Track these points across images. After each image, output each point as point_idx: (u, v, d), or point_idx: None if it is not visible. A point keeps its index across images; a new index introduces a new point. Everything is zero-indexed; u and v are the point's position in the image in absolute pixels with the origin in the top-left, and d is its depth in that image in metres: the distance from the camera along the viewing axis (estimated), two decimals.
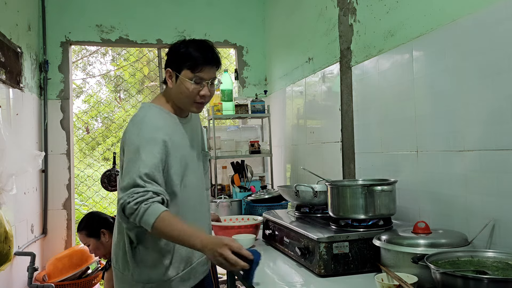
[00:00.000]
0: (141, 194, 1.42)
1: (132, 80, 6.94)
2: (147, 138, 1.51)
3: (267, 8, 4.05)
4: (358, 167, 2.41)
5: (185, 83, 1.60)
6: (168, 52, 1.67)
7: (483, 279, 1.09)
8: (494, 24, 1.48)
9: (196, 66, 1.58)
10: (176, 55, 1.63)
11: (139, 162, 1.47)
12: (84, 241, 2.53)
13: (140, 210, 1.41)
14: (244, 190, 3.04)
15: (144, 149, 1.49)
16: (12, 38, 2.98)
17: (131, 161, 1.48)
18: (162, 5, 3.90)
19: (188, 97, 1.61)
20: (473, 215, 1.58)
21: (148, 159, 1.47)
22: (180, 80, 1.61)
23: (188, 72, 1.59)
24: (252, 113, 3.37)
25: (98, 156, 6.87)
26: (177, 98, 1.64)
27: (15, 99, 2.99)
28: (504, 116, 1.44)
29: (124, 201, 1.43)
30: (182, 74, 1.60)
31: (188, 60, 1.59)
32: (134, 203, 1.42)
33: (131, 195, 1.43)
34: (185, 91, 1.60)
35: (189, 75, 1.59)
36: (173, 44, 1.67)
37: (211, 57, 1.62)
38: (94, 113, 7.04)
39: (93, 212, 2.64)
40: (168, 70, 1.64)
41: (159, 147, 1.52)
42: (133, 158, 1.48)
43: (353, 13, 2.45)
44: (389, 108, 2.10)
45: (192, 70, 1.59)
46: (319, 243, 1.56)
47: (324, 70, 2.82)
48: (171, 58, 1.65)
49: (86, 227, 2.50)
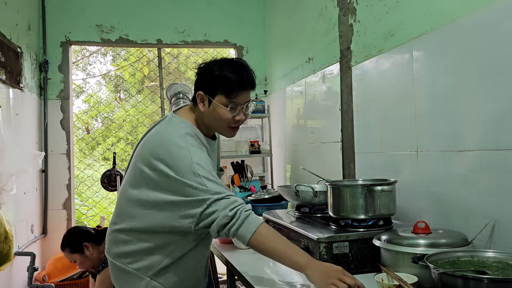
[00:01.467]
0: (231, 201, 1.35)
1: (132, 80, 6.94)
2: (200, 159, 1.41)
3: (267, 8, 4.05)
4: (358, 167, 2.41)
5: (219, 109, 1.49)
6: (200, 73, 1.55)
7: (483, 279, 1.09)
8: (494, 24, 1.48)
9: (232, 92, 1.48)
10: (209, 78, 1.51)
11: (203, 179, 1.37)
12: (69, 258, 2.53)
13: (241, 216, 1.33)
14: (244, 190, 3.04)
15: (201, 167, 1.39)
16: (12, 38, 2.98)
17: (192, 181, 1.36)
18: (162, 5, 3.90)
19: (223, 122, 1.51)
20: (473, 215, 1.58)
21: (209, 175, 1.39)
22: (213, 105, 1.49)
23: (223, 98, 1.48)
24: (252, 113, 3.37)
25: (98, 156, 6.87)
26: (210, 122, 1.54)
27: (15, 99, 2.99)
28: (504, 116, 1.44)
29: (216, 217, 1.33)
30: (216, 99, 1.49)
31: (223, 85, 1.48)
32: (228, 210, 1.33)
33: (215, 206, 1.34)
34: (220, 117, 1.50)
35: (224, 101, 1.48)
36: (205, 64, 1.55)
37: (246, 81, 1.52)
38: (94, 113, 7.04)
39: (73, 228, 2.63)
40: (200, 94, 1.52)
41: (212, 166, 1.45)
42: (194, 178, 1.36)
43: (353, 13, 2.45)
44: (389, 108, 2.10)
45: (227, 96, 1.48)
46: (319, 243, 1.56)
47: (324, 70, 2.82)
48: (203, 81, 1.53)
49: (68, 244, 2.49)
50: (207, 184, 1.36)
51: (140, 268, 1.49)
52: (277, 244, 1.36)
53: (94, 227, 2.62)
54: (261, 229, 1.35)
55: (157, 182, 1.42)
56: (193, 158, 1.39)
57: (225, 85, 1.48)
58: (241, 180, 3.17)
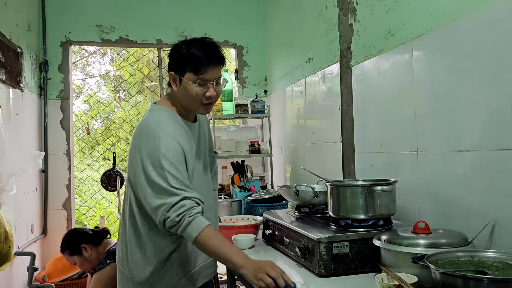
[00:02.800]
0: (180, 205, 1.43)
1: (132, 80, 6.94)
2: (169, 149, 1.49)
3: (267, 8, 4.05)
4: (358, 167, 2.41)
5: (189, 86, 1.54)
6: (170, 54, 1.61)
7: (483, 279, 1.09)
8: (494, 24, 1.48)
9: (199, 68, 1.52)
10: (178, 57, 1.57)
11: (167, 176, 1.45)
12: (69, 260, 2.53)
13: (184, 222, 1.42)
14: (244, 190, 3.04)
15: (167, 160, 1.47)
16: (12, 38, 2.98)
17: (156, 174, 1.46)
18: (162, 5, 3.90)
19: (194, 99, 1.56)
20: (473, 215, 1.58)
21: (174, 171, 1.47)
22: (184, 83, 1.55)
23: (191, 75, 1.54)
24: (252, 113, 3.37)
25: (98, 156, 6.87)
26: (183, 101, 1.60)
27: (15, 99, 2.99)
28: (504, 116, 1.44)
29: (164, 216, 1.43)
30: (185, 77, 1.54)
31: (190, 62, 1.53)
32: (175, 215, 1.42)
33: (168, 208, 1.43)
34: (190, 94, 1.55)
35: (192, 78, 1.53)
36: (174, 45, 1.61)
37: (213, 57, 1.56)
38: (94, 113, 7.04)
39: (71, 231, 2.64)
40: (171, 74, 1.59)
41: (180, 155, 1.51)
42: (159, 171, 1.46)
43: (353, 13, 2.45)
44: (389, 108, 2.10)
45: (195, 73, 1.53)
46: (319, 243, 1.56)
47: (324, 70, 2.82)
48: (173, 61, 1.59)
49: (67, 247, 2.50)
50: (169, 180, 1.45)
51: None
52: (217, 246, 1.43)
53: (92, 228, 2.62)
54: (203, 232, 1.42)
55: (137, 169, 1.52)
56: (161, 148, 1.47)
57: (192, 61, 1.53)
58: (241, 180, 3.17)
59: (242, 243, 2.03)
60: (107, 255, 2.41)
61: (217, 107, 3.25)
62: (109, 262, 2.33)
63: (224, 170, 3.41)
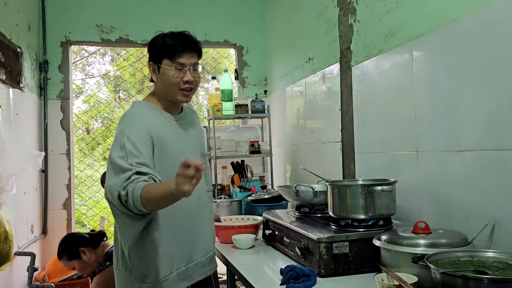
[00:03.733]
0: (127, 177, 1.42)
1: (132, 80, 6.94)
2: (132, 131, 1.52)
3: (267, 8, 4.05)
4: (358, 167, 2.41)
5: (167, 72, 1.61)
6: (148, 47, 1.69)
7: (483, 279, 1.09)
8: (494, 24, 1.48)
9: (174, 53, 1.60)
10: (155, 47, 1.65)
11: (127, 155, 1.47)
12: (68, 265, 2.51)
13: (128, 192, 1.40)
14: (244, 190, 3.04)
15: (129, 141, 1.49)
16: (12, 38, 2.98)
17: (117, 155, 1.48)
18: (162, 5, 3.90)
19: (172, 85, 1.62)
20: (473, 215, 1.58)
21: (134, 150, 1.48)
22: (162, 71, 1.62)
23: (167, 61, 1.61)
24: (252, 113, 3.37)
25: (98, 156, 6.87)
26: (163, 89, 1.65)
27: (15, 99, 2.99)
28: (504, 116, 1.44)
29: (118, 193, 1.41)
30: (162, 64, 1.62)
31: (166, 49, 1.61)
32: (122, 189, 1.41)
33: (122, 183, 1.41)
34: (168, 79, 1.61)
35: (169, 63, 1.61)
36: (151, 39, 1.69)
37: (187, 43, 1.63)
38: (94, 113, 7.03)
39: (67, 235, 2.62)
40: (150, 64, 1.66)
41: (145, 138, 1.52)
42: (120, 153, 1.48)
43: (353, 13, 2.45)
44: (389, 108, 2.10)
45: (171, 58, 1.61)
46: (319, 243, 1.56)
47: (324, 70, 2.82)
48: (151, 52, 1.67)
49: (64, 252, 2.48)
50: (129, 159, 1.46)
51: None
52: (158, 191, 1.38)
53: (88, 232, 2.61)
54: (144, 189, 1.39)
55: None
56: (126, 130, 1.52)
57: (167, 48, 1.62)
58: (241, 180, 3.17)
59: (242, 243, 2.03)
60: (106, 257, 2.40)
61: (217, 107, 3.25)
62: (109, 264, 2.33)
63: (224, 170, 3.41)
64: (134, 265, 1.57)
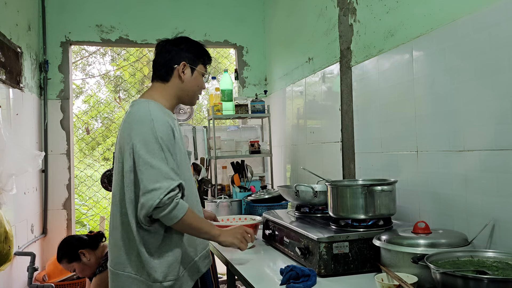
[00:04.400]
0: (172, 188, 1.46)
1: (132, 80, 6.94)
2: (165, 140, 1.51)
3: (267, 8, 4.05)
4: (358, 167, 2.41)
5: (199, 78, 1.69)
6: (182, 45, 1.67)
7: (483, 279, 1.09)
8: (494, 24, 1.48)
9: (208, 61, 1.72)
10: (194, 49, 1.68)
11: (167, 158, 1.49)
12: (68, 268, 2.51)
13: (172, 205, 1.46)
14: (244, 190, 3.04)
15: (163, 146, 1.50)
16: (12, 38, 2.98)
17: (156, 157, 1.47)
18: (162, 5, 3.90)
19: (198, 90, 1.71)
20: (473, 215, 1.58)
21: (167, 153, 1.50)
22: (194, 74, 1.67)
23: (202, 67, 1.70)
24: (252, 113, 3.37)
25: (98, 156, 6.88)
26: (185, 90, 1.68)
27: (15, 99, 2.99)
28: (504, 116, 1.44)
29: (160, 199, 1.43)
30: (198, 68, 1.68)
31: (204, 55, 1.69)
32: (167, 199, 1.44)
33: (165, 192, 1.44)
34: (200, 84, 1.70)
35: (202, 69, 1.70)
36: (181, 38, 1.70)
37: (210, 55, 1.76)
38: (94, 113, 7.04)
39: (66, 238, 2.62)
40: (183, 63, 1.65)
41: (172, 139, 1.55)
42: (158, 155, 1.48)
43: (353, 13, 2.45)
44: (389, 108, 2.10)
45: (205, 65, 1.71)
46: (319, 243, 1.56)
47: (324, 70, 2.82)
48: (185, 52, 1.66)
49: (64, 254, 2.48)
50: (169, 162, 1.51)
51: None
52: (199, 222, 1.58)
53: (86, 234, 2.61)
54: (188, 212, 1.52)
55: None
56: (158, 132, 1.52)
57: (205, 54, 1.71)
58: (241, 180, 3.17)
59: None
60: (106, 257, 2.40)
61: (217, 107, 3.25)
62: None
63: (224, 170, 3.41)
64: (157, 267, 1.54)
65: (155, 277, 1.52)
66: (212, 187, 3.33)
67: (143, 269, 1.53)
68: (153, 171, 1.46)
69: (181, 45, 1.67)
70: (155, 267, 1.52)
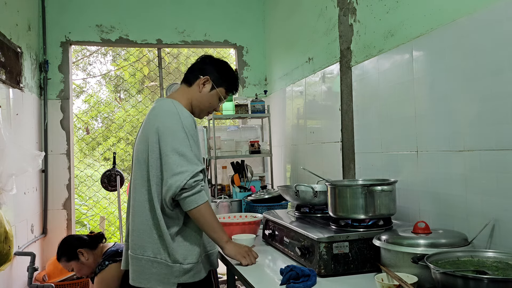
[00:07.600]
0: (198, 174, 1.62)
1: (132, 80, 6.94)
2: (190, 130, 1.67)
3: (267, 8, 4.05)
4: (358, 167, 2.41)
5: (215, 97, 1.83)
6: (216, 65, 1.84)
7: (483, 279, 1.09)
8: (494, 24, 1.48)
9: (232, 90, 1.88)
10: (224, 72, 1.84)
11: (191, 142, 1.65)
12: (66, 267, 2.52)
13: (196, 188, 1.61)
14: (244, 190, 3.04)
15: (189, 135, 1.65)
16: (12, 38, 2.98)
17: (181, 143, 1.63)
18: (162, 5, 3.90)
19: (209, 108, 1.85)
20: (473, 215, 1.58)
21: (192, 142, 1.66)
22: (213, 92, 1.82)
23: (223, 91, 1.84)
24: (252, 113, 3.37)
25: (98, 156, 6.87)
26: (200, 103, 1.83)
27: (15, 99, 2.99)
28: (504, 116, 1.44)
29: (186, 181, 1.58)
30: (218, 89, 1.83)
31: (231, 82, 1.86)
32: (193, 181, 1.60)
33: (191, 175, 1.59)
34: (214, 102, 1.84)
35: (222, 94, 1.84)
36: (221, 61, 1.87)
37: (236, 89, 1.92)
38: (94, 113, 7.04)
39: (65, 237, 2.64)
40: (207, 78, 1.81)
41: (196, 134, 1.71)
42: (183, 143, 1.63)
43: (353, 13, 2.45)
44: (389, 108, 2.10)
45: (227, 91, 1.86)
46: (319, 243, 1.56)
47: (324, 70, 2.82)
48: (217, 72, 1.82)
49: (63, 253, 2.49)
50: (193, 149, 1.68)
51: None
52: (214, 218, 1.68)
53: (87, 234, 2.62)
54: (206, 203, 1.65)
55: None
56: (184, 122, 1.70)
57: (232, 83, 1.87)
58: (241, 180, 3.17)
59: (242, 242, 2.02)
60: (105, 257, 2.41)
61: None
62: (108, 263, 2.34)
63: (224, 170, 3.41)
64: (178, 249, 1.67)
65: (176, 257, 1.64)
66: (212, 187, 3.33)
67: (164, 251, 1.66)
68: (179, 157, 1.61)
69: (216, 64, 1.85)
70: (176, 249, 1.65)
